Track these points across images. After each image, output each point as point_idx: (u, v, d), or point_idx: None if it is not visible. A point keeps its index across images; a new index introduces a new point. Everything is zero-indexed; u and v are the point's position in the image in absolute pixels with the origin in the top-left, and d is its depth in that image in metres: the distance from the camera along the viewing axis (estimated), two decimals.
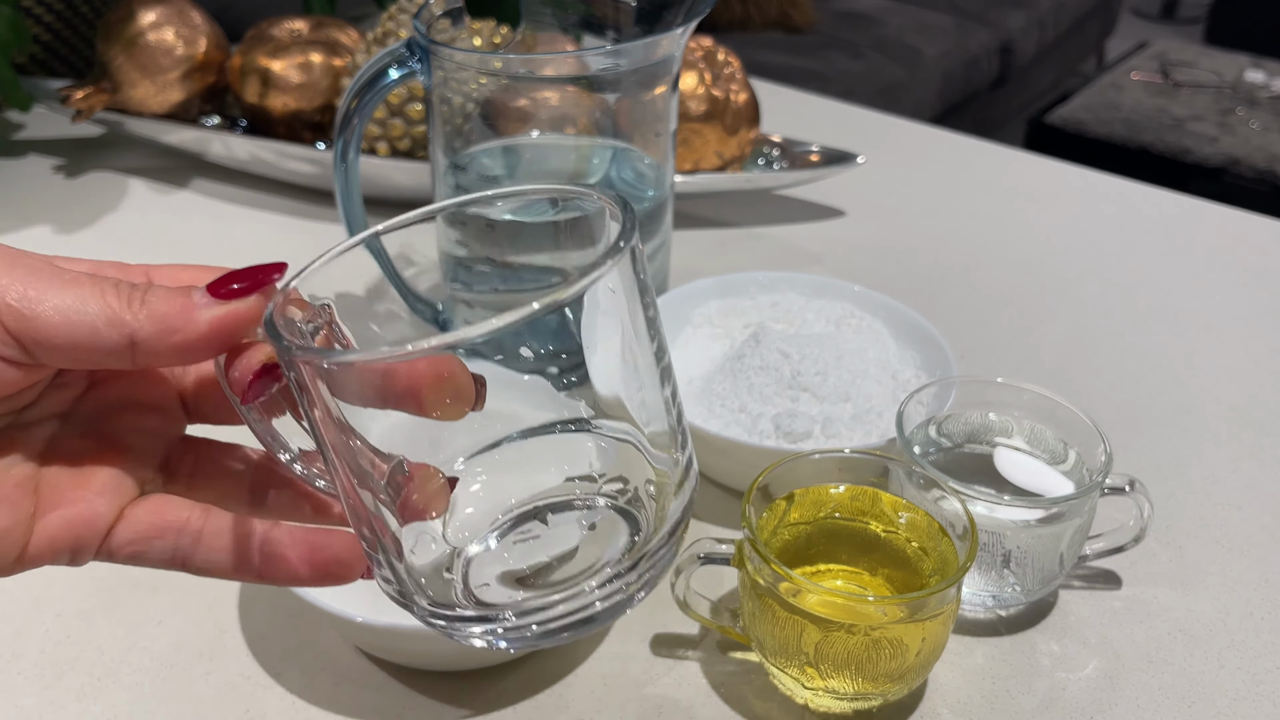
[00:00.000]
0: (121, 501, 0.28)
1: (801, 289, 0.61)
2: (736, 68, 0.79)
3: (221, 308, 0.27)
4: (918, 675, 0.42)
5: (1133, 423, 0.60)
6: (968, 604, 0.47)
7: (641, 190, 0.57)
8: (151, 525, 0.28)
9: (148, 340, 0.26)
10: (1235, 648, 0.46)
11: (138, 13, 0.80)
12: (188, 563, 0.29)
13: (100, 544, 0.28)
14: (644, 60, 0.52)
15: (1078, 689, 0.44)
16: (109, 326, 0.26)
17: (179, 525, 0.29)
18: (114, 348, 0.26)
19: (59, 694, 0.43)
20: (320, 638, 0.45)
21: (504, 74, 0.53)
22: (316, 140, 0.82)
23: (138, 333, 0.26)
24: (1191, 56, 2.37)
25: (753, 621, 0.42)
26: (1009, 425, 0.50)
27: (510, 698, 0.43)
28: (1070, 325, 0.69)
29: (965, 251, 0.78)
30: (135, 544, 0.28)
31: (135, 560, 0.29)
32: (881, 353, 0.57)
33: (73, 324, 0.25)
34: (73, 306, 0.25)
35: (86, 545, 0.28)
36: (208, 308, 0.26)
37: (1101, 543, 0.48)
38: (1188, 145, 2.02)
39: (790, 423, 0.51)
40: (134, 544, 0.28)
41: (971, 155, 0.93)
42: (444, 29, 0.56)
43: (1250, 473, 0.57)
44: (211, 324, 0.26)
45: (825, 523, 0.45)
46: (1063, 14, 2.57)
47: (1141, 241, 0.79)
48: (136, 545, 0.28)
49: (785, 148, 0.83)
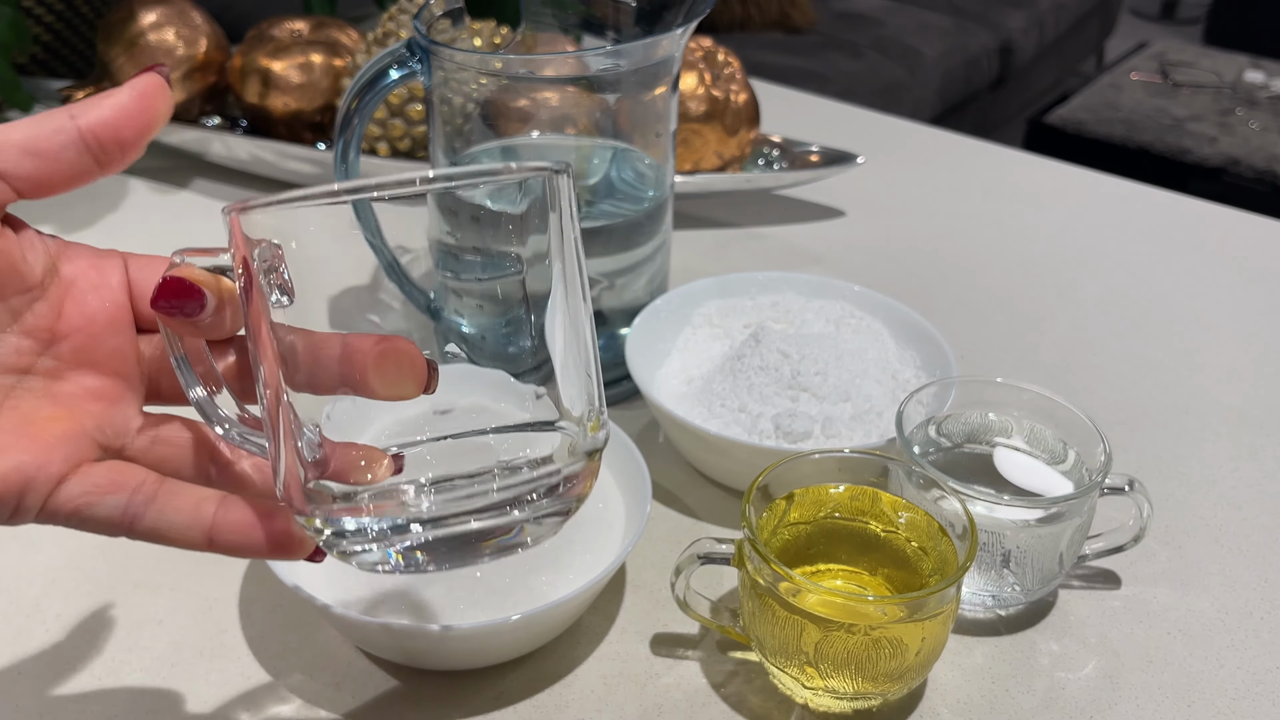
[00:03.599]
0: (76, 459, 0.29)
1: (801, 289, 0.61)
2: (736, 68, 0.79)
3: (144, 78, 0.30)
4: (917, 675, 0.42)
5: (1132, 423, 0.60)
6: (967, 604, 0.47)
7: (641, 190, 0.57)
8: (109, 480, 0.29)
9: (91, 126, 0.29)
10: (1235, 647, 0.46)
11: (138, 13, 0.80)
12: (136, 523, 0.29)
13: (49, 495, 0.28)
14: (644, 61, 0.52)
15: (1077, 689, 0.44)
16: (59, 115, 0.29)
17: (134, 485, 0.29)
18: (66, 135, 0.29)
19: (59, 694, 0.43)
20: (320, 638, 0.45)
21: (504, 74, 0.53)
22: (317, 140, 0.82)
23: (74, 112, 0.29)
24: (1191, 57, 2.37)
25: (753, 621, 0.42)
26: (1008, 425, 0.50)
27: (510, 698, 0.43)
28: (1070, 325, 0.69)
29: (965, 251, 0.78)
30: (87, 495, 0.29)
31: (79, 516, 0.29)
32: (881, 353, 0.57)
33: (35, 134, 0.28)
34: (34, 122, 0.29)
35: (35, 490, 0.28)
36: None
37: (1101, 542, 0.48)
38: (1187, 145, 2.02)
39: (790, 423, 0.51)
40: (86, 495, 0.29)
41: (971, 155, 0.93)
42: (444, 29, 0.56)
43: (1250, 473, 0.57)
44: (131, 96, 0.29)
45: (825, 522, 0.45)
46: (1062, 14, 2.57)
47: (1141, 241, 0.79)
48: (89, 497, 0.29)
49: (785, 148, 0.83)
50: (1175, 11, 3.61)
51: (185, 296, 0.29)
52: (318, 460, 0.29)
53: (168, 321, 0.30)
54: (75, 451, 0.29)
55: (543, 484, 0.30)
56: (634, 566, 0.49)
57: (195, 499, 0.30)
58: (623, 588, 0.48)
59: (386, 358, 0.28)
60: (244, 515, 0.30)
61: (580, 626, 0.46)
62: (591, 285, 0.57)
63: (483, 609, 0.42)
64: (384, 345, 0.28)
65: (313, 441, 0.29)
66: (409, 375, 0.29)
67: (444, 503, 0.29)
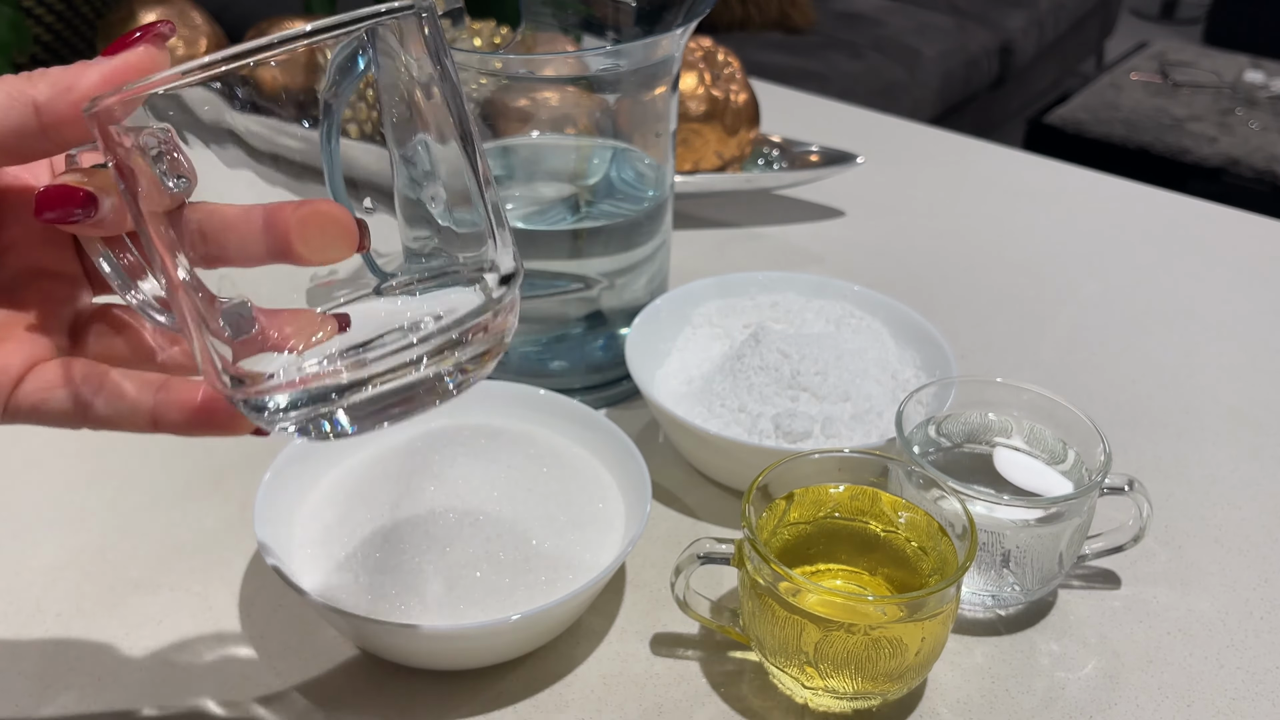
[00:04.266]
0: (32, 359, 0.30)
1: (801, 289, 0.61)
2: (736, 68, 0.79)
3: (111, 60, 0.28)
4: (917, 675, 0.42)
5: (1132, 423, 0.60)
6: (967, 604, 0.47)
7: (641, 190, 0.57)
8: (58, 376, 0.30)
9: (48, 102, 0.28)
10: (1234, 647, 0.46)
11: (138, 13, 0.80)
12: (88, 411, 0.30)
13: (9, 396, 0.29)
14: (644, 61, 0.52)
15: (1077, 688, 0.44)
16: (9, 99, 0.27)
17: (82, 377, 0.30)
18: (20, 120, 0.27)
19: (59, 694, 0.43)
20: (320, 638, 0.45)
21: (504, 74, 0.53)
22: None
23: (37, 97, 0.27)
24: (1191, 57, 2.37)
25: (752, 621, 0.42)
26: (1008, 425, 0.50)
27: (510, 698, 0.43)
28: (1070, 325, 0.69)
29: (965, 251, 0.78)
30: (40, 392, 0.30)
31: (38, 411, 0.30)
32: (881, 353, 0.57)
33: None
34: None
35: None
36: (98, 64, 0.28)
37: (1101, 542, 0.48)
38: (1187, 145, 2.02)
39: (790, 422, 0.51)
40: (39, 392, 0.30)
41: (971, 155, 0.93)
42: (444, 29, 0.56)
43: (1250, 473, 0.57)
44: (104, 75, 0.28)
45: (825, 522, 0.45)
46: (1062, 14, 2.57)
47: (1141, 241, 0.79)
48: (41, 394, 0.30)
49: (785, 148, 0.83)
50: (1175, 11, 3.61)
51: (68, 205, 0.29)
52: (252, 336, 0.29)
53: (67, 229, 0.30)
54: (31, 351, 0.30)
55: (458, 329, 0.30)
56: (634, 566, 0.49)
57: (139, 384, 0.31)
58: (623, 588, 0.48)
59: (310, 221, 0.28)
60: (184, 395, 0.30)
61: (580, 626, 0.46)
62: (591, 285, 0.57)
63: (483, 609, 0.42)
64: (306, 209, 0.28)
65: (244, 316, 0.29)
66: (337, 236, 0.28)
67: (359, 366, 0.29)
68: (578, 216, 0.57)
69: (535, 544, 0.45)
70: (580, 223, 0.57)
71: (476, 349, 0.30)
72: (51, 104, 0.28)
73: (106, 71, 0.28)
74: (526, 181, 0.58)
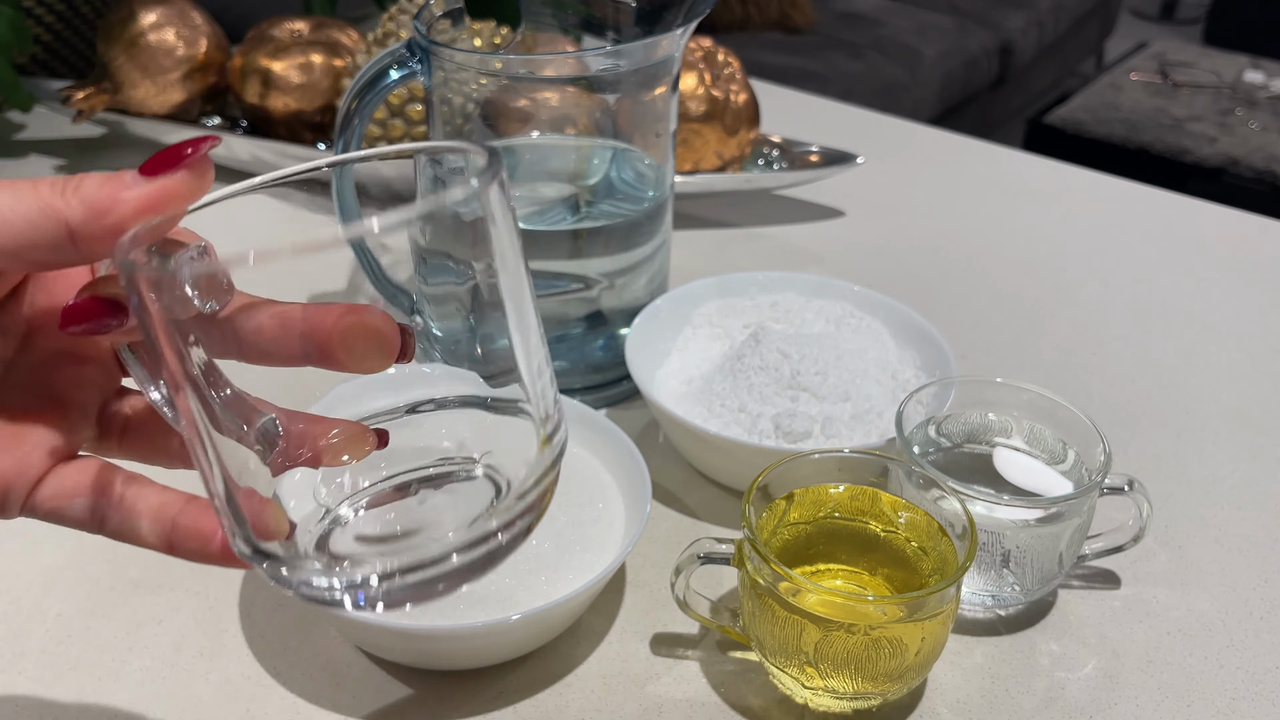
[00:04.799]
0: (56, 455, 0.29)
1: (801, 289, 0.61)
2: (736, 68, 0.79)
3: (150, 184, 0.26)
4: (917, 675, 0.42)
5: (1132, 423, 0.60)
6: (967, 604, 0.47)
7: (641, 190, 0.57)
8: (75, 483, 0.29)
9: (82, 225, 0.26)
10: (1235, 647, 0.46)
11: (138, 13, 0.80)
12: (104, 524, 0.29)
13: (28, 496, 0.29)
14: (644, 61, 0.52)
15: (1077, 688, 0.44)
16: (43, 216, 0.26)
17: (101, 486, 0.29)
18: (53, 239, 0.26)
19: (59, 694, 0.43)
20: (320, 638, 0.45)
21: (504, 74, 0.53)
22: (317, 141, 0.82)
23: (71, 219, 0.26)
24: (1191, 57, 2.37)
25: (753, 621, 0.42)
26: (1008, 425, 0.50)
27: (510, 698, 0.43)
28: (1070, 325, 0.69)
29: (965, 251, 0.78)
30: (58, 499, 0.29)
31: (55, 515, 0.29)
32: (881, 353, 0.57)
33: (9, 220, 0.26)
34: (8, 204, 0.26)
35: (15, 495, 0.28)
36: (136, 186, 0.26)
37: (1100, 542, 0.48)
38: (1187, 145, 2.02)
39: (790, 423, 0.51)
40: (56, 499, 0.29)
41: (971, 155, 0.93)
42: (444, 30, 0.56)
43: (1250, 473, 0.57)
44: (140, 201, 0.26)
45: (825, 522, 0.45)
46: (1062, 14, 2.58)
47: (1141, 241, 0.79)
48: (57, 501, 0.29)
49: (785, 148, 0.83)
50: (1175, 11, 3.61)
51: (94, 318, 0.27)
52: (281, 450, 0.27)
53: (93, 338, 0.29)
54: (55, 445, 0.29)
55: (500, 518, 0.28)
56: (634, 566, 0.49)
57: (159, 502, 0.29)
58: (623, 588, 0.48)
59: (354, 329, 0.27)
60: (203, 523, 0.29)
61: (580, 626, 0.46)
62: (591, 285, 0.57)
63: (483, 609, 0.42)
64: (351, 316, 0.27)
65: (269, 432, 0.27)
66: (378, 347, 0.27)
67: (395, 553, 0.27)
68: (578, 217, 0.57)
69: (535, 544, 0.45)
70: (580, 223, 0.57)
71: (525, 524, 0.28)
72: (85, 227, 0.26)
73: (144, 199, 0.26)
74: (527, 181, 0.58)
